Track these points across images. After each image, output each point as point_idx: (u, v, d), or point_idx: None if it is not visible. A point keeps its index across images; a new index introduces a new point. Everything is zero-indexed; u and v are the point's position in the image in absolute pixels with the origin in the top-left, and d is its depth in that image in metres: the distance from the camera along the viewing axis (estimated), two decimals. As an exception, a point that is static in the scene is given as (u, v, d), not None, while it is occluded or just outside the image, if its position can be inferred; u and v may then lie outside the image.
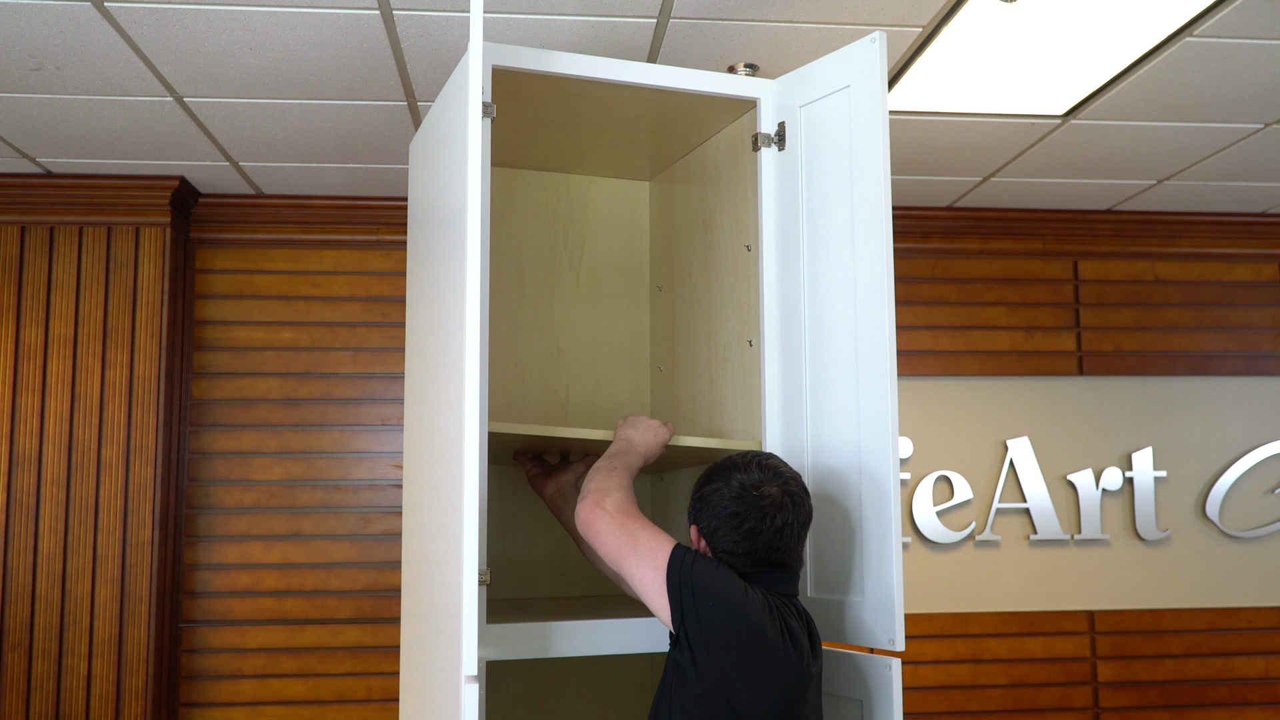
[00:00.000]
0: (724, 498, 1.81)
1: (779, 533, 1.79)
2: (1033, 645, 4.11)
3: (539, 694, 2.63)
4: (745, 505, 1.79)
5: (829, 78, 2.12)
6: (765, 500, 1.79)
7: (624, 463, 1.98)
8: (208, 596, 3.84)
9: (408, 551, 2.44)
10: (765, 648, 1.70)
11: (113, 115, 3.10)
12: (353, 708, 3.86)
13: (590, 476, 1.94)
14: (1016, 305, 4.23)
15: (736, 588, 1.73)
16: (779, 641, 1.71)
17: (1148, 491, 4.19)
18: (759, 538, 1.79)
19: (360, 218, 3.99)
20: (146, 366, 3.67)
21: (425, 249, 2.36)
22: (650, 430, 2.10)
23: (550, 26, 2.57)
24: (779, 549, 1.80)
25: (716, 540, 1.82)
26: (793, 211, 2.19)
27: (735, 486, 1.81)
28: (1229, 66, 2.82)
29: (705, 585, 1.72)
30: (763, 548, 1.79)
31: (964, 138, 3.36)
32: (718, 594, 1.72)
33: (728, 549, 1.80)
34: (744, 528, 1.79)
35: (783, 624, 1.74)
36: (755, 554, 1.80)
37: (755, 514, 1.79)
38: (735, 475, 1.82)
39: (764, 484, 1.80)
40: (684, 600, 1.72)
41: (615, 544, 1.81)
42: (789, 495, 1.81)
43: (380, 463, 3.95)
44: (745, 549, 1.79)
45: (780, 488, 1.81)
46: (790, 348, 2.18)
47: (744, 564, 1.80)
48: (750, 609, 1.71)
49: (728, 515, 1.80)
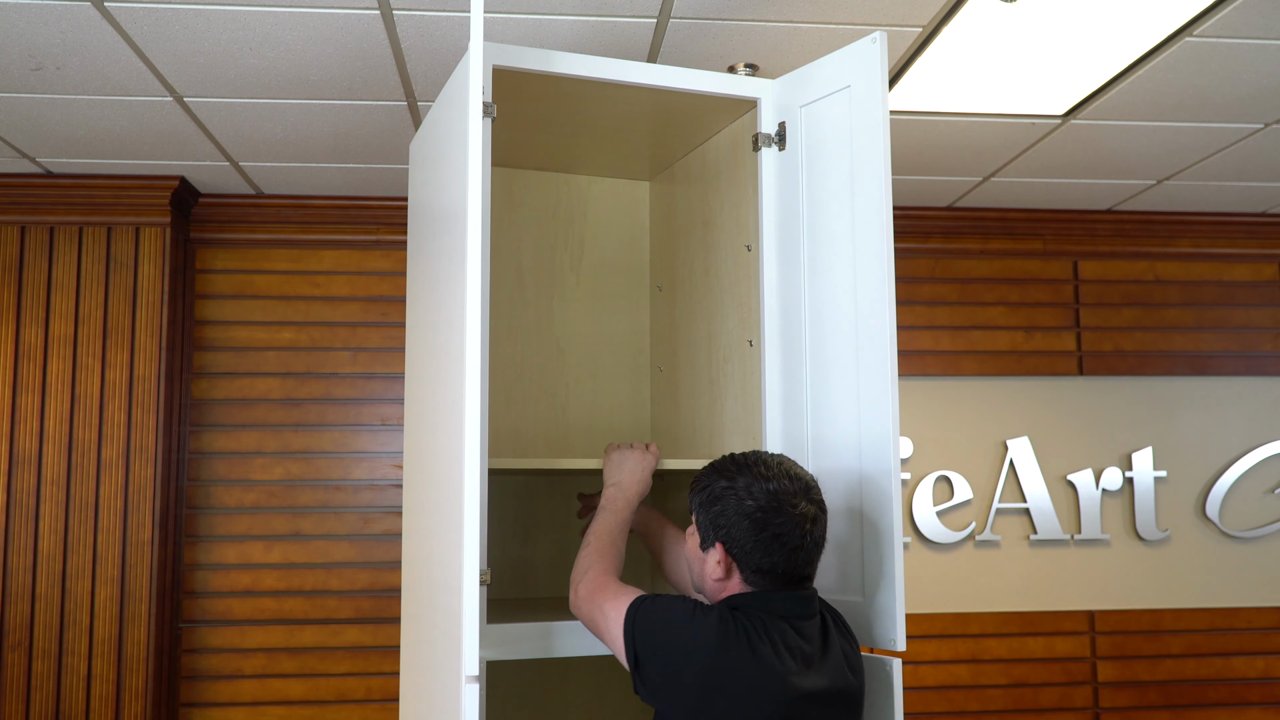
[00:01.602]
0: (747, 510, 1.69)
1: (817, 545, 1.71)
2: (1033, 645, 4.11)
3: (539, 693, 2.63)
4: (782, 520, 1.67)
5: (829, 78, 2.12)
6: (798, 514, 1.68)
7: (605, 525, 1.96)
8: (208, 596, 3.84)
9: (408, 551, 2.44)
10: (725, 682, 1.60)
11: (113, 115, 3.10)
12: (353, 708, 3.86)
13: (579, 553, 1.94)
14: (1016, 305, 4.24)
15: (682, 631, 1.63)
16: (749, 667, 1.60)
17: (1148, 491, 4.19)
18: (799, 554, 1.68)
19: (360, 218, 3.99)
20: (146, 366, 3.67)
21: (425, 249, 2.36)
22: (636, 463, 2.07)
23: (550, 26, 2.57)
24: (809, 562, 1.71)
25: (748, 559, 1.69)
26: (793, 211, 2.19)
27: (764, 497, 1.69)
28: (1229, 66, 2.82)
29: (650, 637, 1.66)
30: (802, 563, 1.69)
31: (964, 138, 3.36)
32: (665, 643, 1.64)
33: (762, 568, 1.69)
34: (787, 546, 1.67)
35: (765, 646, 1.63)
36: (796, 570, 1.70)
37: (797, 531, 1.67)
38: (760, 485, 1.70)
39: (796, 495, 1.69)
40: (639, 657, 1.67)
41: (594, 628, 1.79)
42: (819, 505, 1.72)
43: (380, 463, 3.95)
44: (785, 566, 1.69)
45: (812, 502, 1.71)
46: (790, 348, 2.18)
47: (771, 581, 1.70)
48: (700, 645, 1.61)
49: (759, 532, 1.68)
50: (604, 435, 2.73)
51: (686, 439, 2.57)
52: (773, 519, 1.67)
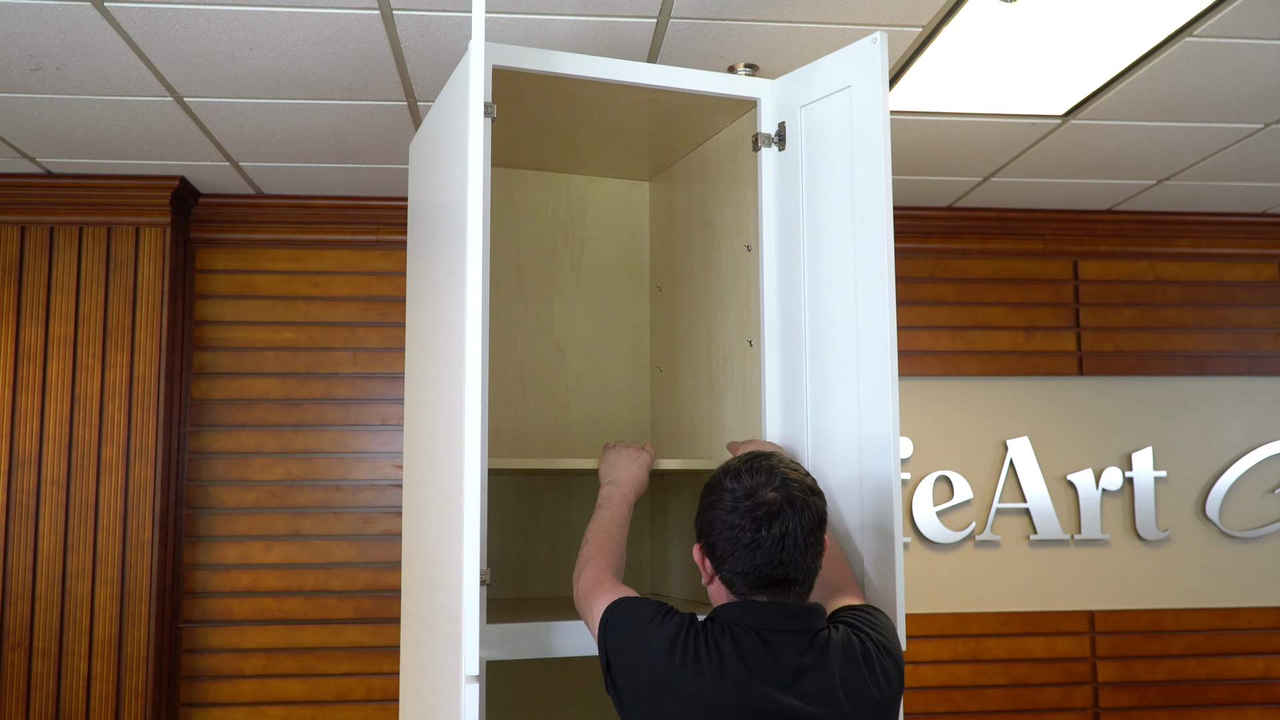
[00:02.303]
0: (720, 511, 1.65)
1: (779, 542, 1.61)
2: (1033, 645, 4.11)
3: (539, 694, 2.63)
4: (740, 517, 1.62)
5: (829, 78, 2.12)
6: (761, 508, 1.62)
7: (603, 522, 1.96)
8: (208, 596, 3.84)
9: (408, 551, 2.44)
10: (670, 688, 1.59)
11: (113, 115, 3.10)
12: (353, 708, 3.86)
13: (580, 550, 1.94)
14: (1016, 305, 4.24)
15: (640, 635, 1.65)
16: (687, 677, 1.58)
17: (1148, 491, 4.19)
18: (758, 551, 1.61)
19: (360, 218, 3.99)
20: (146, 366, 3.67)
21: (425, 249, 2.36)
22: (632, 461, 2.06)
23: (550, 26, 2.57)
24: (782, 562, 1.61)
25: (722, 562, 1.65)
26: (793, 211, 2.19)
27: (729, 498, 1.64)
28: (1229, 66, 2.82)
29: (616, 637, 1.68)
30: (764, 563, 1.61)
31: (964, 138, 3.36)
32: (627, 645, 1.66)
33: (738, 570, 1.64)
34: (742, 542, 1.62)
35: (706, 652, 1.60)
36: (758, 571, 1.62)
37: (751, 525, 1.61)
38: (727, 483, 1.66)
39: (759, 489, 1.63)
40: (609, 658, 1.69)
41: (587, 625, 1.81)
42: (788, 499, 1.62)
43: (380, 463, 3.95)
44: (747, 567, 1.62)
45: (777, 490, 1.63)
46: (791, 348, 2.18)
47: (747, 586, 1.64)
48: (652, 651, 1.62)
49: (725, 530, 1.63)
50: (604, 435, 2.74)
51: (686, 439, 2.57)
52: (744, 520, 1.62)
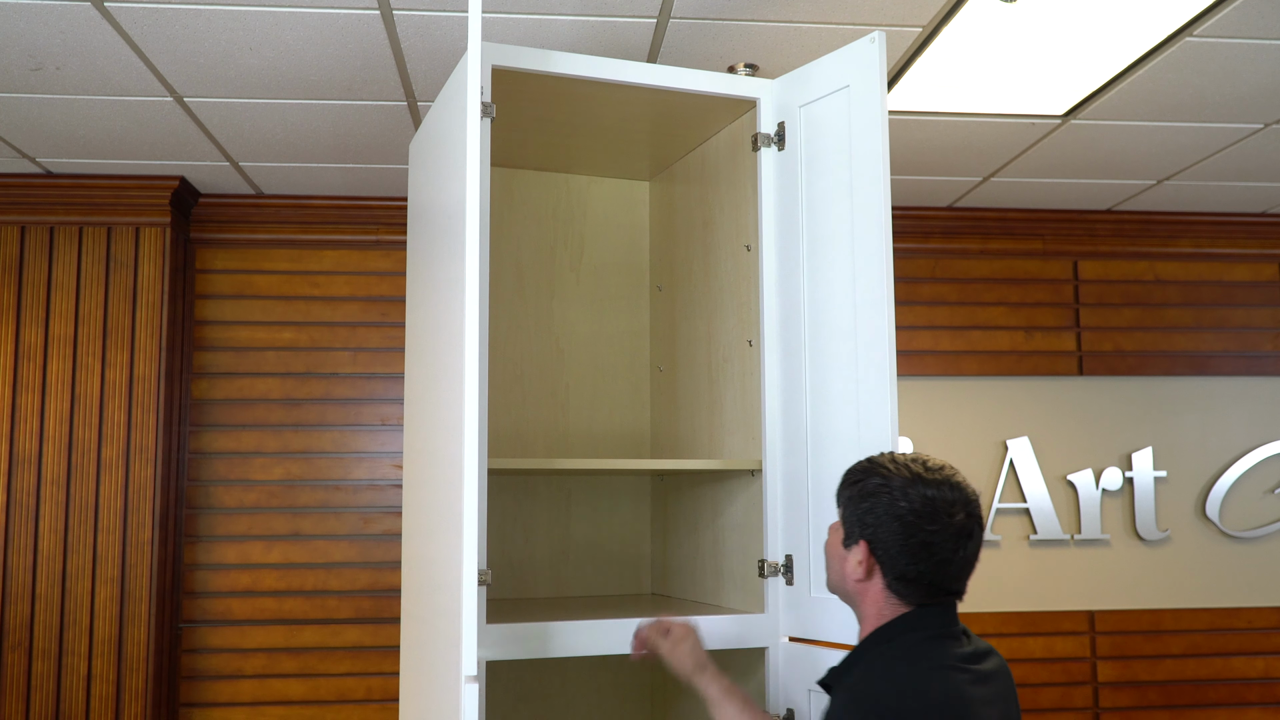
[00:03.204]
0: (899, 512, 1.61)
1: (968, 563, 1.63)
2: (1033, 645, 4.11)
3: (539, 694, 2.63)
4: (936, 528, 1.60)
5: (829, 78, 2.12)
6: (954, 525, 1.61)
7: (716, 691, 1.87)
8: (208, 596, 3.84)
9: (408, 551, 2.44)
10: None
11: (113, 115, 3.10)
12: (353, 708, 3.86)
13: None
14: (1016, 305, 4.23)
15: None
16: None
17: (1148, 491, 4.19)
18: (947, 568, 1.61)
19: (360, 218, 3.99)
20: (146, 366, 3.67)
21: (425, 249, 2.36)
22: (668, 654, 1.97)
23: (550, 26, 2.57)
24: (959, 579, 1.64)
25: (892, 564, 1.62)
26: (792, 211, 2.19)
27: (919, 501, 1.61)
28: (1229, 66, 2.82)
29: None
30: (948, 576, 1.62)
31: (964, 138, 3.36)
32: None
33: (906, 575, 1.62)
34: (935, 558, 1.60)
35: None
36: (936, 584, 1.62)
37: (950, 544, 1.60)
38: (917, 489, 1.62)
39: (955, 505, 1.62)
40: None
41: None
42: (977, 521, 1.64)
43: (380, 463, 3.95)
44: (930, 578, 1.61)
45: (967, 512, 1.63)
46: (790, 347, 2.18)
47: (915, 594, 1.63)
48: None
49: (908, 536, 1.61)
50: (604, 435, 2.74)
51: (686, 439, 2.57)
52: (925, 525, 1.60)
